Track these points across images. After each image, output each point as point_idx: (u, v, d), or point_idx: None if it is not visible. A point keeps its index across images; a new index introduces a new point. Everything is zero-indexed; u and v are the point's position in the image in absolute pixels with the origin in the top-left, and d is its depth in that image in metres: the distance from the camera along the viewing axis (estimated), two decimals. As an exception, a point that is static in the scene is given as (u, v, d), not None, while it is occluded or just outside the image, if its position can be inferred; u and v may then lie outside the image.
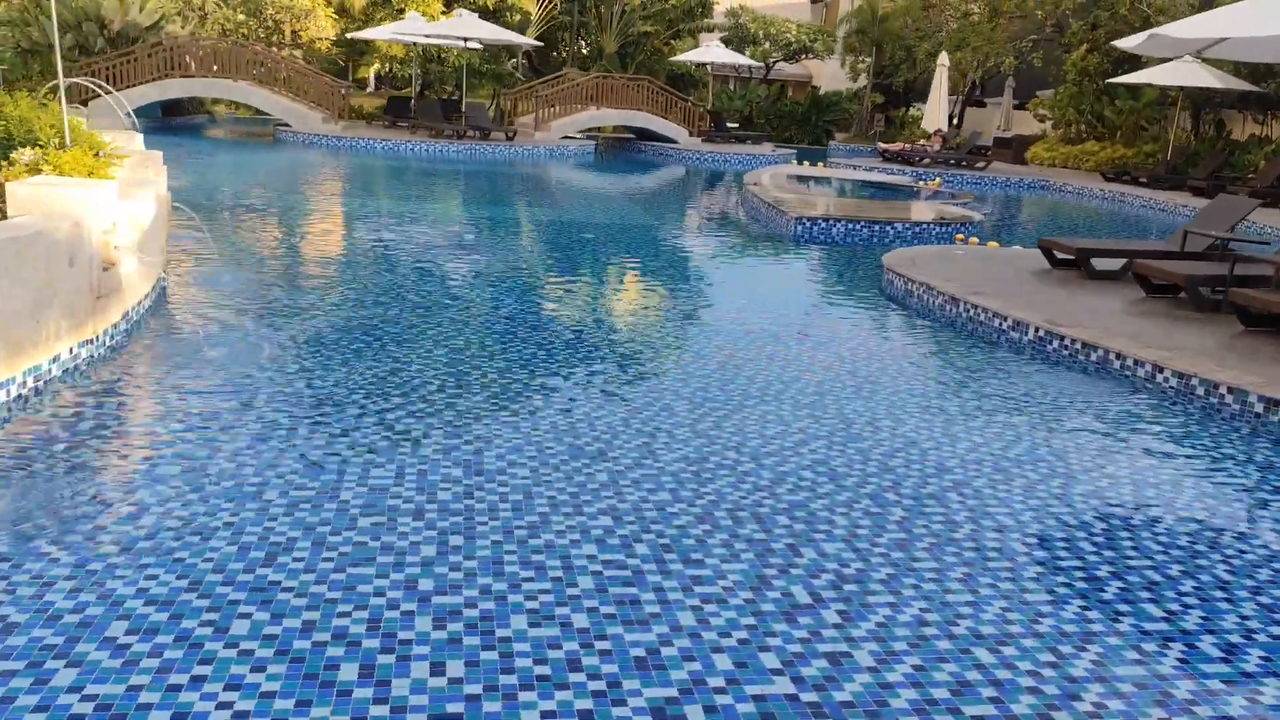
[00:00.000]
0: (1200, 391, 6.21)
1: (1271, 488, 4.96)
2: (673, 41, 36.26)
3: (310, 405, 5.23)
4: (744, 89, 37.91)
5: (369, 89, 40.44)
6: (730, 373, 6.46)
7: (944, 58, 25.87)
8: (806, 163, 24.74)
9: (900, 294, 9.23)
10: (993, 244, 12.29)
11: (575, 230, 13.08)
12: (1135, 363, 6.60)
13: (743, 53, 37.63)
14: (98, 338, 5.36)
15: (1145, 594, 3.74)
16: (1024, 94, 32.13)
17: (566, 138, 25.67)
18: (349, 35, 27.16)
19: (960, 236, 13.04)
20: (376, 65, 31.70)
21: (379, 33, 24.96)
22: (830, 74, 42.08)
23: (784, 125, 36.64)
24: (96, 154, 6.79)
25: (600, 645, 3.13)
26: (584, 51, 36.80)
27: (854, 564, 3.82)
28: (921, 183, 21.57)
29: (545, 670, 2.97)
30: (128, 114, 18.39)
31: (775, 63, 39.70)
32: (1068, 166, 26.35)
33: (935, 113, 25.32)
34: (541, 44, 28.53)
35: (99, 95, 20.83)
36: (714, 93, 36.51)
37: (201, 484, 4.15)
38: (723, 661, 3.08)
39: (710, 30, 37.95)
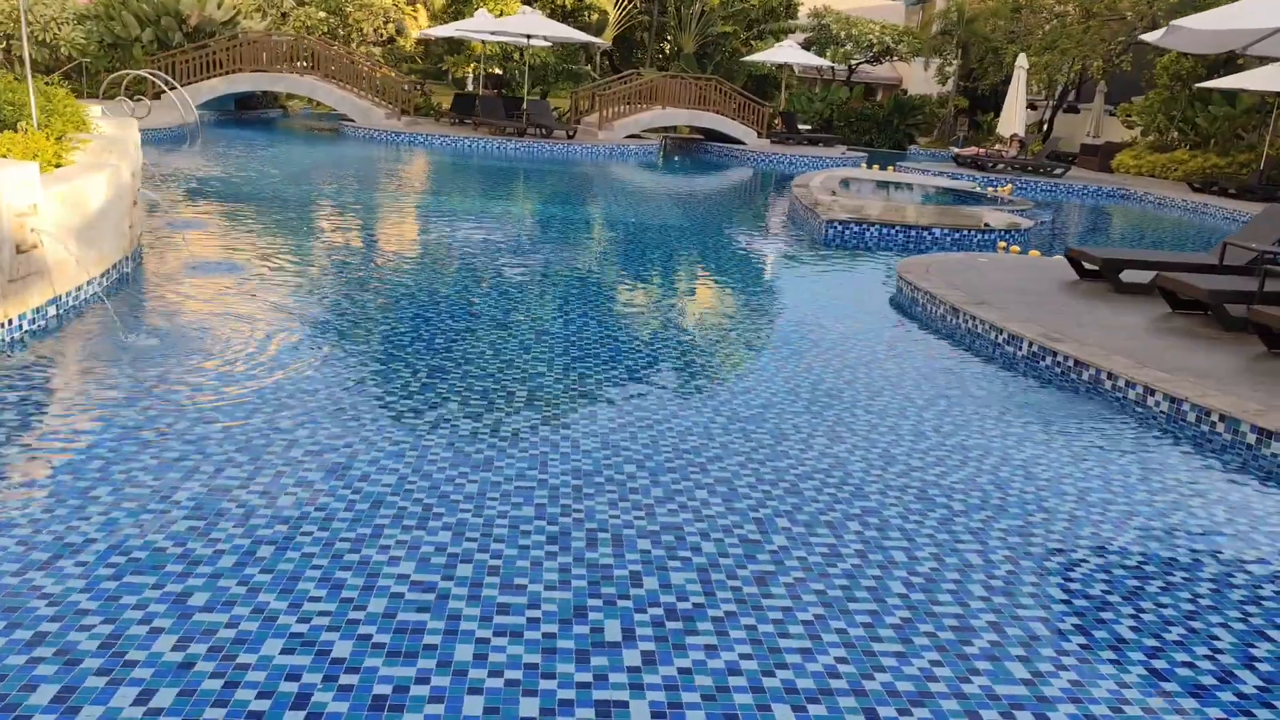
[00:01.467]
0: (1191, 418, 5.62)
1: (1242, 526, 4.40)
2: (753, 42, 35.76)
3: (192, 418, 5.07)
4: (825, 91, 37.14)
5: (468, 87, 40.85)
6: (672, 376, 6.11)
7: (1022, 60, 24.81)
8: (876, 166, 24.04)
9: (907, 302, 8.72)
10: (1034, 253, 11.62)
11: (595, 226, 12.81)
12: (1127, 384, 6.03)
13: (823, 54, 37.00)
14: (10, 322, 5.29)
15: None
16: (1120, 100, 30.73)
17: (631, 137, 25.43)
18: (418, 34, 27.40)
19: (1003, 245, 12.37)
20: (473, 65, 31.94)
21: (445, 30, 25.11)
22: (920, 77, 41.03)
23: (864, 128, 35.77)
24: (59, 138, 6.79)
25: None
26: (663, 52, 36.61)
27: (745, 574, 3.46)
28: (990, 189, 20.71)
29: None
30: (187, 105, 18.86)
31: (858, 64, 38.85)
32: (1155, 175, 25.04)
33: (1012, 117, 24.31)
34: (607, 43, 28.37)
35: (175, 88, 21.47)
36: (795, 94, 35.88)
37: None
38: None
39: (792, 31, 37.34)
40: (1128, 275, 8.81)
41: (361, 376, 5.65)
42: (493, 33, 23.90)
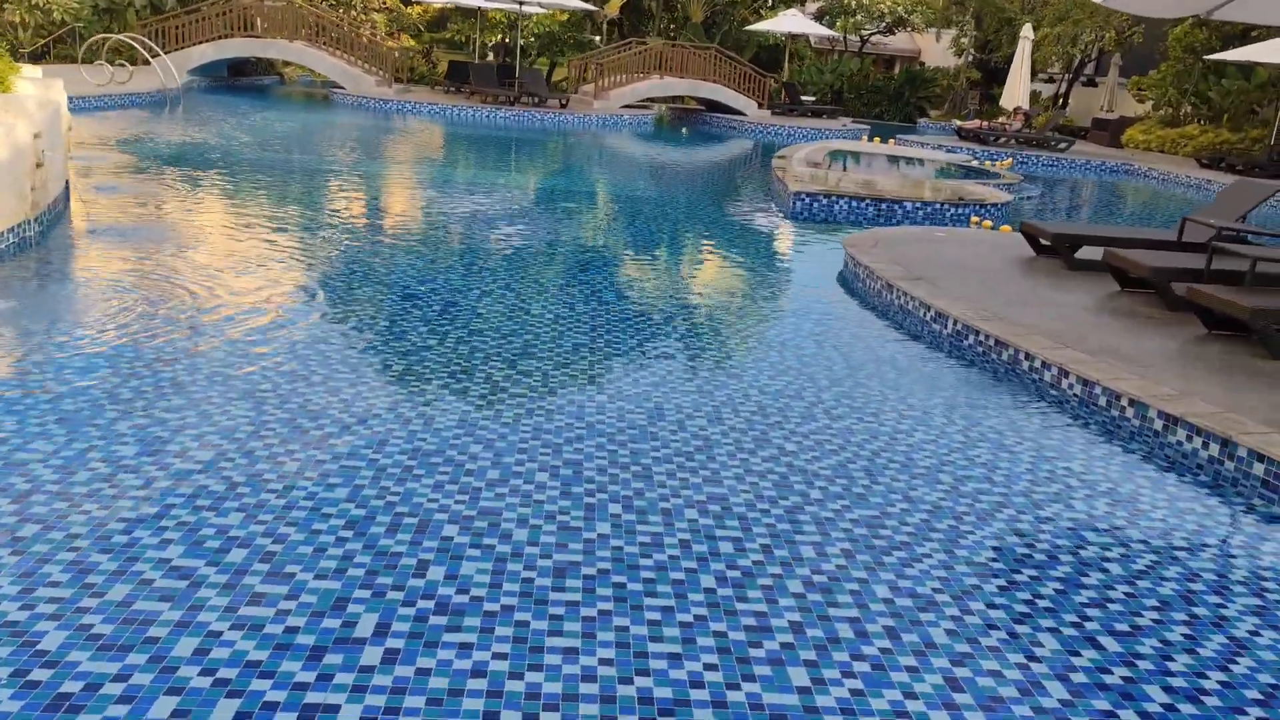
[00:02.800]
0: (1102, 403, 5.30)
1: (1119, 520, 4.10)
2: (762, 11, 35.08)
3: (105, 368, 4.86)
4: (836, 62, 36.44)
5: (488, 56, 40.24)
6: (568, 348, 5.84)
7: (1027, 30, 24.11)
8: (877, 139, 23.52)
9: (851, 278, 8.41)
10: (1005, 229, 11.23)
11: (556, 197, 12.52)
12: (1043, 365, 5.71)
13: (834, 25, 36.29)
14: None
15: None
16: (1139, 73, 29.90)
17: (629, 107, 25.02)
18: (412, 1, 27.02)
19: (976, 219, 11.98)
20: (482, 33, 31.43)
21: (440, -4, 24.74)
22: (938, 50, 40.17)
23: (875, 101, 35.11)
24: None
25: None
26: (673, 21, 36.00)
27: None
28: (988, 163, 20.20)
29: None
30: (169, 71, 18.65)
31: (870, 35, 38.09)
32: (1164, 151, 24.37)
33: (1015, 90, 23.68)
34: (596, 9, 27.82)
35: (166, 54, 21.26)
36: (807, 65, 35.21)
37: None
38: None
39: (803, 1, 36.63)
40: (1084, 252, 8.43)
41: (219, 350, 5.42)
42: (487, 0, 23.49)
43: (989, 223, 11.70)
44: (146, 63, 19.41)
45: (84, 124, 14.40)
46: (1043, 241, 8.68)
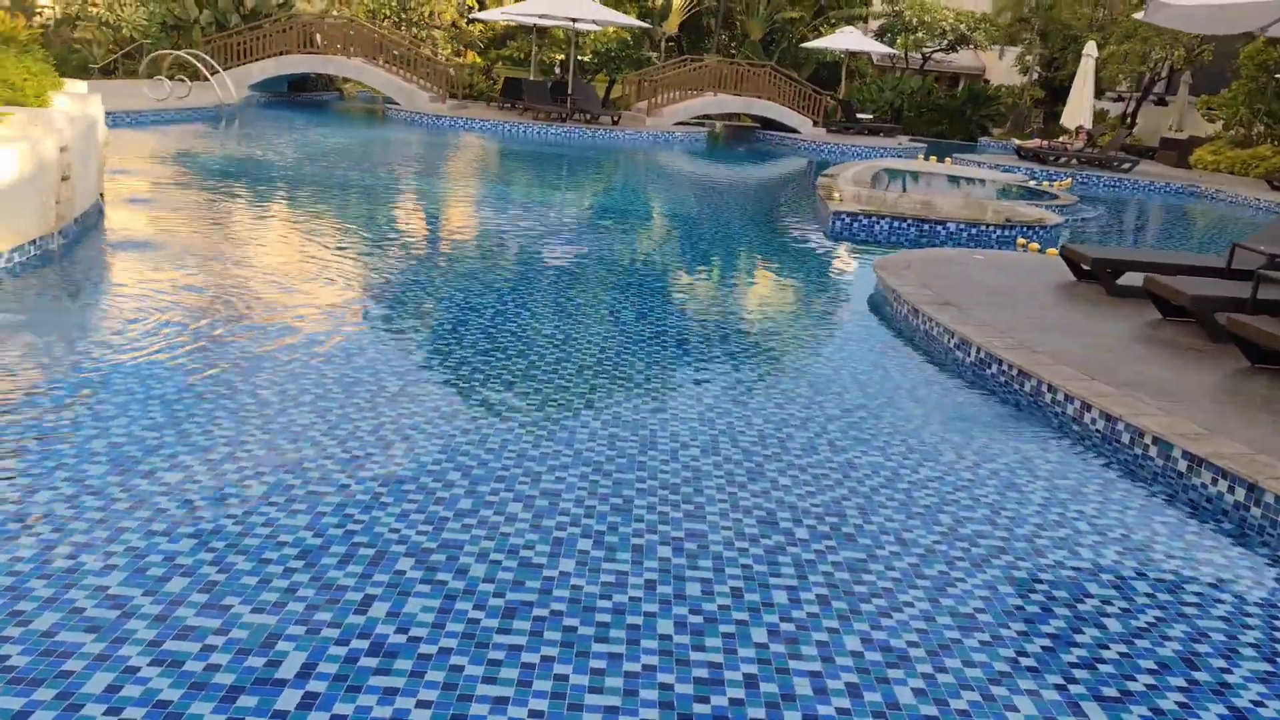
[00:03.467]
0: (1125, 440, 5.00)
1: (1127, 571, 3.82)
2: (821, 29, 34.78)
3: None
4: (896, 80, 35.96)
5: (555, 72, 40.46)
6: (578, 369, 5.69)
7: (1090, 48, 23.51)
8: (934, 158, 23.12)
9: (879, 301, 8.16)
10: (1051, 252, 10.86)
11: (591, 213, 12.40)
12: (1066, 398, 5.42)
13: (894, 42, 35.86)
14: None
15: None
16: (1210, 93, 29.01)
17: (681, 124, 24.93)
18: (470, 18, 27.30)
19: (1023, 241, 11.62)
20: (538, 50, 31.62)
21: (494, 14, 24.95)
22: (1003, 67, 39.45)
23: (936, 119, 34.58)
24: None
25: None
26: (732, 38, 35.84)
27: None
28: (1046, 183, 19.69)
29: None
30: (225, 87, 19.00)
31: (931, 53, 37.55)
32: (1234, 172, 23.55)
33: (1077, 108, 23.08)
34: (650, 26, 27.80)
35: (226, 70, 21.72)
36: (867, 83, 34.82)
37: None
38: None
39: (864, 18, 36.28)
40: (1128, 279, 8.07)
41: (208, 372, 5.38)
42: (540, 16, 23.60)
43: (1036, 245, 11.33)
44: (206, 79, 19.80)
45: (139, 138, 14.72)
46: (1084, 267, 8.33)
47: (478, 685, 2.78)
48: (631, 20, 25.11)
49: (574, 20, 23.08)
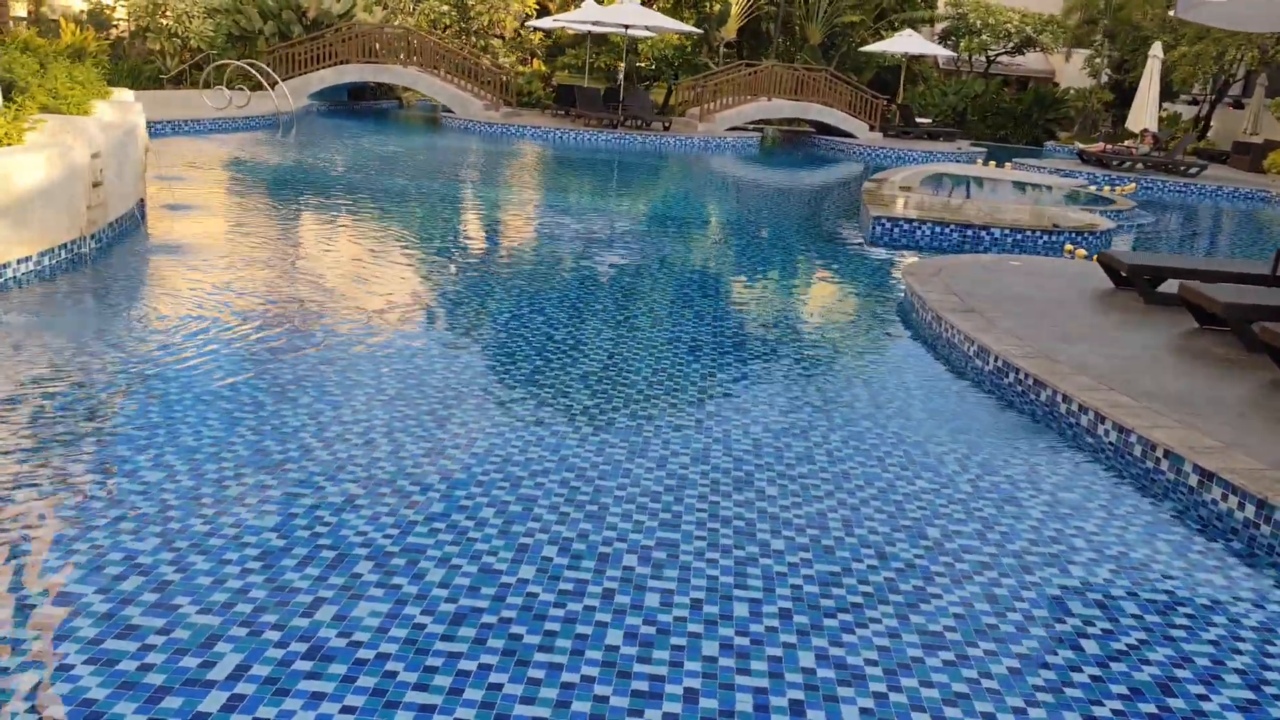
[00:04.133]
0: (1137, 453, 4.80)
1: (1118, 590, 3.65)
2: (883, 33, 34.34)
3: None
4: (959, 84, 35.34)
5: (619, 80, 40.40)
6: (582, 372, 5.65)
7: (1157, 49, 22.82)
8: (993, 163, 22.64)
9: (907, 308, 7.98)
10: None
11: (627, 219, 12.35)
12: (1080, 408, 5.22)
13: (958, 46, 35.27)
14: None
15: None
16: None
17: (734, 129, 24.79)
18: (527, 25, 27.50)
19: (1070, 248, 11.28)
20: (598, 57, 31.73)
21: (548, 22, 25.10)
22: (1075, 70, 38.53)
23: (1001, 123, 33.92)
24: (15, 118, 6.89)
25: None
26: (792, 43, 35.58)
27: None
28: (1107, 189, 19.14)
29: None
30: (283, 96, 19.38)
31: (996, 56, 36.83)
32: (1311, 177, 22.65)
33: (1142, 111, 22.40)
34: (698, 31, 27.70)
35: (287, 79, 22.19)
36: (930, 87, 34.27)
37: None
38: None
39: (928, 21, 35.75)
40: (1169, 286, 7.78)
41: (229, 381, 5.45)
42: (594, 23, 23.68)
43: (1083, 252, 11.00)
44: (266, 88, 20.19)
45: (194, 145, 15.10)
46: (1121, 274, 8.05)
47: (407, 692, 2.75)
48: (683, 26, 25.06)
49: (626, 27, 23.09)
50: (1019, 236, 11.43)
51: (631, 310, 7.56)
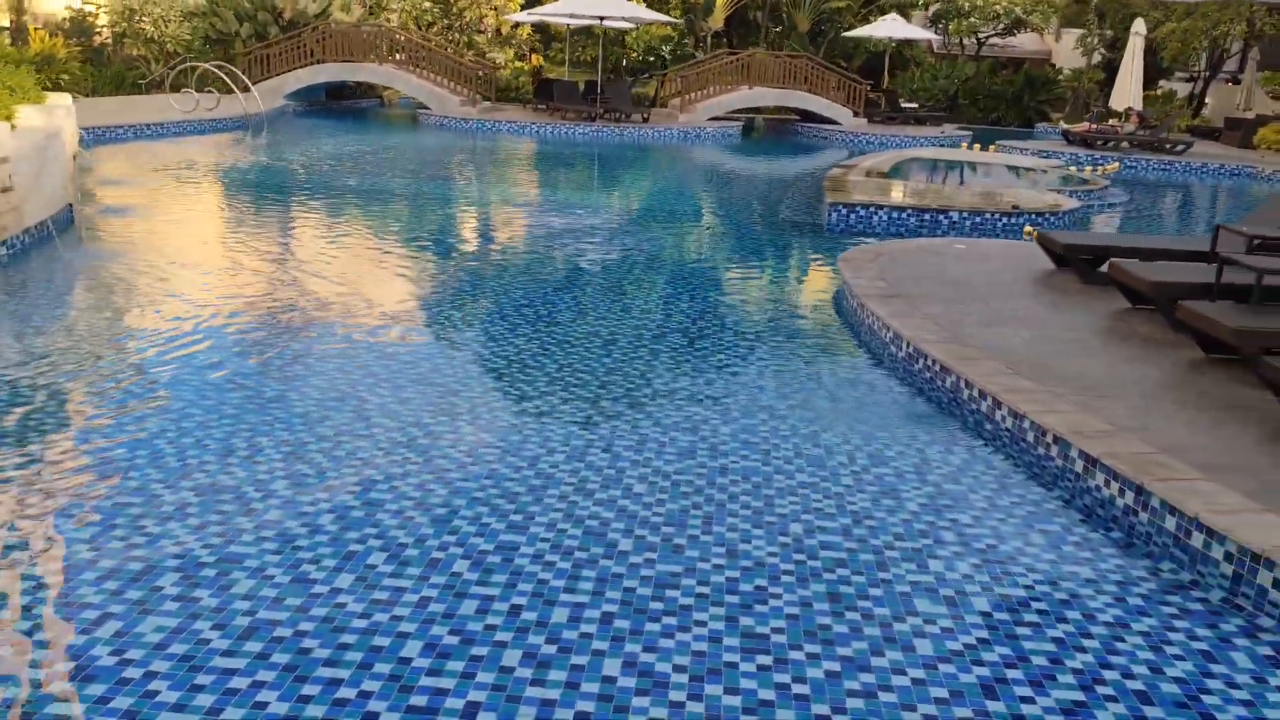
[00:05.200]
0: (1030, 439, 4.62)
1: (980, 582, 3.48)
2: (871, 18, 33.99)
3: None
4: (950, 67, 34.98)
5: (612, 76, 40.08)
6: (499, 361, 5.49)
7: (1139, 25, 22.48)
8: (978, 146, 22.36)
9: (841, 296, 7.80)
10: (1055, 239, 10.29)
11: (584, 212, 12.16)
12: (980, 394, 5.04)
13: (947, 29, 34.94)
14: None
15: None
16: (1277, 69, 27.58)
17: (716, 119, 24.57)
18: (505, 18, 27.32)
19: (1029, 229, 11.05)
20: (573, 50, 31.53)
21: (523, 16, 24.93)
22: (1069, 50, 38.10)
23: (993, 106, 33.58)
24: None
25: None
26: (780, 31, 35.29)
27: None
28: (1089, 169, 18.87)
29: None
30: (252, 98, 19.23)
31: (987, 38, 36.45)
32: (1299, 151, 22.30)
33: (1125, 90, 22.06)
34: (678, 21, 27.45)
35: (263, 80, 22.07)
36: (923, 71, 33.91)
37: None
38: None
39: (916, 6, 35.44)
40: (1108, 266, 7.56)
41: (114, 381, 5.32)
42: (570, 16, 23.48)
43: (1039, 231, 10.77)
44: (246, 90, 20.02)
45: (155, 149, 15.02)
46: (1060, 254, 7.85)
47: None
48: (661, 16, 24.87)
49: (602, 19, 22.89)
50: (978, 219, 11.22)
51: (556, 304, 7.40)
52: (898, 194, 12.22)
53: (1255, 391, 4.99)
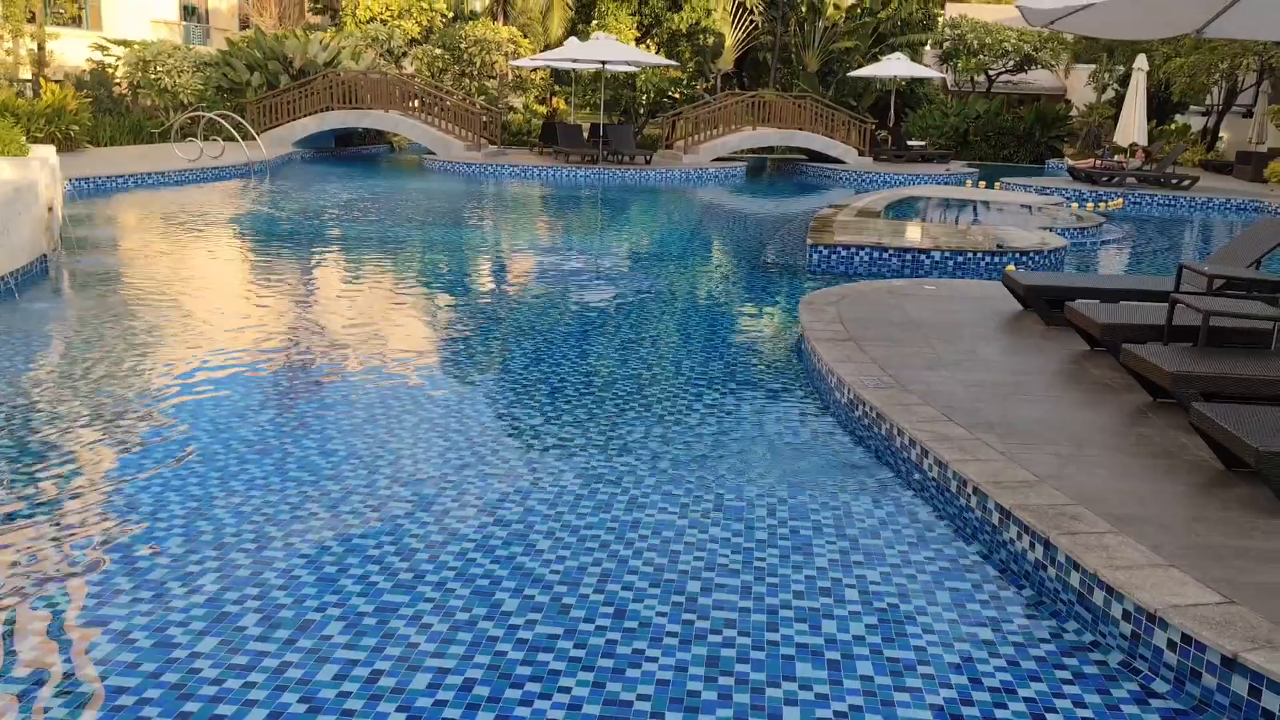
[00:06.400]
0: (953, 488, 4.49)
1: (872, 643, 3.35)
2: (880, 58, 34.11)
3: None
4: (961, 105, 34.97)
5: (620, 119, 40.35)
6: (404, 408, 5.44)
7: (1141, 61, 22.41)
8: (983, 183, 22.29)
9: (801, 340, 7.69)
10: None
11: (571, 254, 12.16)
12: (910, 442, 4.92)
13: (957, 66, 35.01)
14: None
15: None
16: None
17: (720, 159, 24.66)
18: (512, 64, 27.64)
19: (1011, 268, 10.93)
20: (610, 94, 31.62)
21: (531, 61, 25.21)
22: (1083, 87, 38.02)
23: (1004, 142, 33.54)
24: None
25: None
26: (790, 71, 35.47)
27: None
28: (1090, 204, 18.73)
29: None
30: (255, 146, 19.50)
31: (998, 75, 36.47)
32: (1310, 184, 22.04)
33: (1130, 125, 21.94)
34: (676, 64, 27.63)
35: (272, 128, 22.40)
36: (930, 109, 33.94)
37: None
38: None
39: (925, 44, 35.56)
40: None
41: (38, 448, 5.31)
42: (573, 61, 23.72)
43: (1022, 271, 10.63)
44: (241, 139, 20.31)
45: (155, 198, 15.23)
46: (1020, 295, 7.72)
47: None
48: (661, 60, 25.06)
49: (604, 63, 23.09)
50: (961, 259, 11.10)
51: (512, 350, 7.36)
52: (883, 234, 12.12)
53: (1194, 439, 4.84)
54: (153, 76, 25.20)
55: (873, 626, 3.53)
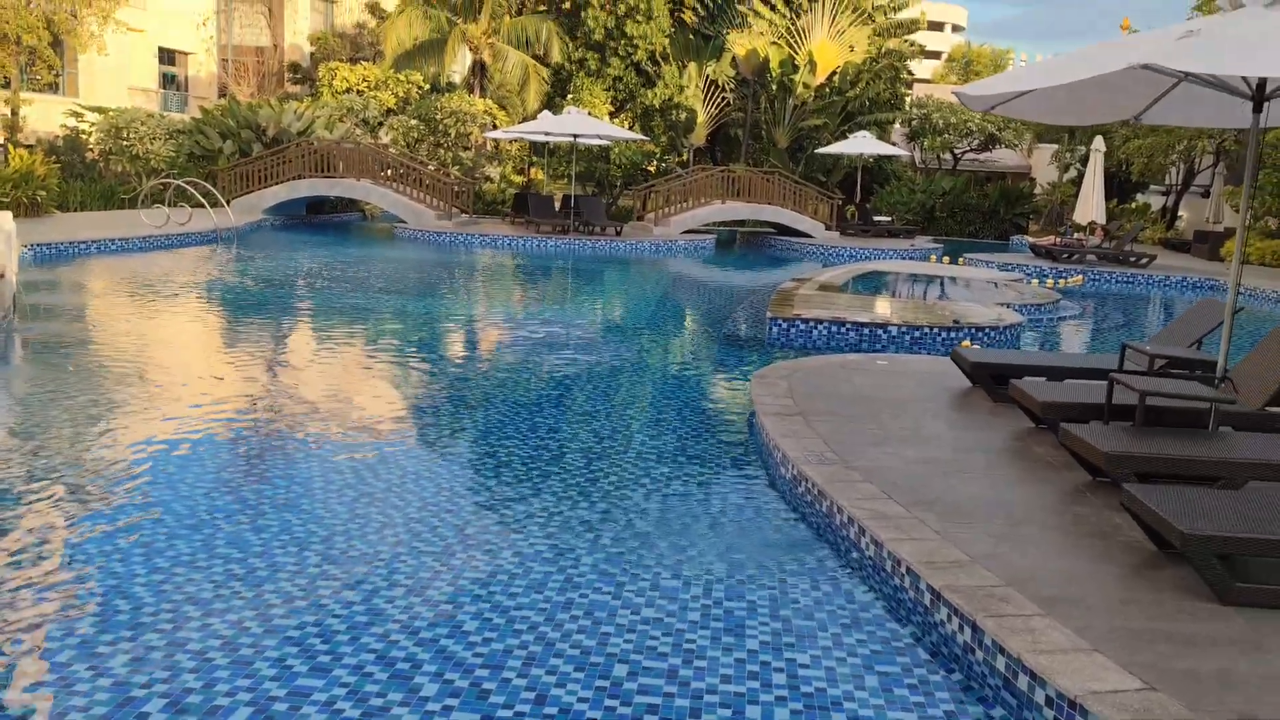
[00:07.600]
0: (888, 568, 4.46)
1: (766, 739, 3.29)
2: (848, 135, 34.85)
3: None
4: (928, 182, 35.69)
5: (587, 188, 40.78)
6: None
7: (1098, 143, 22.98)
8: (947, 259, 22.68)
9: (752, 415, 7.70)
10: (991, 354, 10.25)
11: (524, 326, 12.19)
12: (849, 520, 4.90)
13: (923, 145, 35.83)
14: None
15: None
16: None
17: (690, 232, 24.94)
18: (486, 135, 27.99)
19: (966, 344, 11.04)
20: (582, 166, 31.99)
21: (504, 133, 25.54)
22: (1047, 166, 38.94)
23: (970, 219, 34.18)
24: None
25: None
26: (760, 147, 36.11)
27: None
28: (1049, 280, 19.07)
29: None
30: (223, 213, 19.51)
31: (963, 153, 37.32)
32: (1265, 264, 22.52)
33: (1089, 204, 22.42)
34: (646, 139, 28.13)
35: (243, 195, 22.46)
36: (897, 185, 34.62)
37: None
38: None
39: (893, 122, 36.37)
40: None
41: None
42: (545, 134, 24.05)
43: (977, 348, 10.74)
44: (207, 205, 20.31)
45: (117, 264, 15.16)
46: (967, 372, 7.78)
47: None
48: (631, 134, 25.46)
49: (576, 136, 23.43)
50: (917, 334, 11.21)
51: (463, 424, 7.31)
52: (842, 308, 12.24)
53: (1129, 519, 4.85)
54: (125, 143, 25.28)
55: (797, 713, 3.48)
